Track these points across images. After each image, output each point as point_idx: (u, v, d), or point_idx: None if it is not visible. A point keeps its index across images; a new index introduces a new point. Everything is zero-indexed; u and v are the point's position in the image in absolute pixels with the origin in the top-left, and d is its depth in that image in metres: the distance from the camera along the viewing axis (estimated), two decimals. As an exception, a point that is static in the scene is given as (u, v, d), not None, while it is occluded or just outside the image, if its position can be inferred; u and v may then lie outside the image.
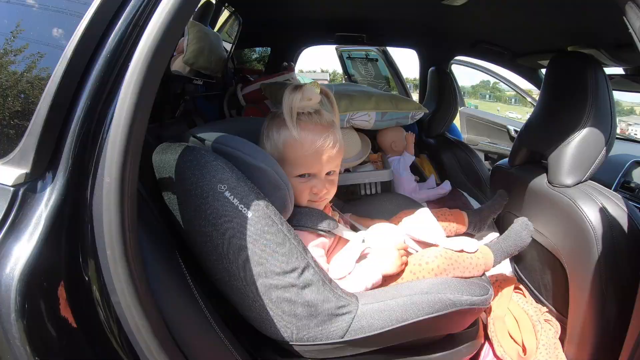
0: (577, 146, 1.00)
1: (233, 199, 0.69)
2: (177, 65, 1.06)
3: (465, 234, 1.29)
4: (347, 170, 1.52)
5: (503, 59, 1.85)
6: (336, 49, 3.64)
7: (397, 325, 0.77)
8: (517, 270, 1.32)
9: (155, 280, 0.62)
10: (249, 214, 0.69)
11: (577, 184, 1.01)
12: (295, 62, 2.60)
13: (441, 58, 2.22)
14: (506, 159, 1.35)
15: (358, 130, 1.62)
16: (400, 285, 0.86)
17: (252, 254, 0.69)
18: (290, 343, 0.75)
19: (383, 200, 1.38)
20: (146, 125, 0.56)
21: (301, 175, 0.86)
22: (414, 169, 2.11)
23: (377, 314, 0.78)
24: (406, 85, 2.97)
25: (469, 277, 0.91)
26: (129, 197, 0.55)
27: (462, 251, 0.94)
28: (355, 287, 0.84)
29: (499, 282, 1.25)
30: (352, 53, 3.42)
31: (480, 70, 2.85)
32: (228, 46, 1.55)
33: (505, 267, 1.34)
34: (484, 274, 0.96)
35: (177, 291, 0.66)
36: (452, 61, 2.97)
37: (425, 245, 1.00)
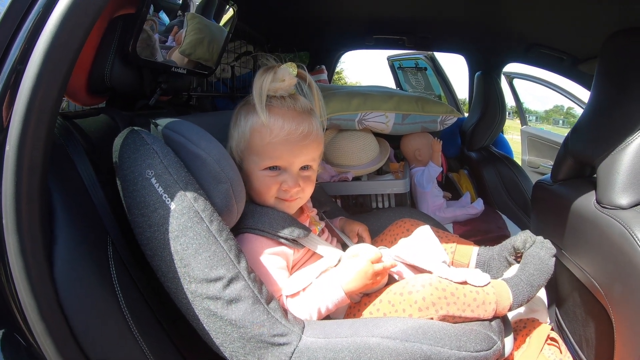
0: (637, 153, 0.74)
1: (158, 187, 0.63)
2: (175, 57, 1.06)
3: None
4: (357, 179, 1.37)
5: (561, 66, 1.58)
6: (388, 59, 3.53)
7: None
8: (558, 315, 1.04)
9: (64, 263, 0.58)
10: (172, 206, 0.62)
11: (635, 205, 0.75)
12: (333, 67, 2.53)
13: (492, 64, 1.98)
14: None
15: (378, 135, 1.46)
16: (362, 320, 0.69)
17: (174, 252, 0.61)
18: None
19: (391, 217, 1.20)
20: (56, 100, 0.53)
21: (271, 169, 0.76)
22: (449, 185, 1.87)
23: (321, 352, 0.62)
24: (456, 95, 2.72)
25: (470, 318, 0.71)
26: (30, 167, 0.52)
27: (464, 283, 0.74)
28: (307, 308, 0.69)
29: (527, 329, 0.98)
30: (402, 63, 3.27)
31: (546, 86, 2.54)
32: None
33: (541, 310, 1.06)
34: (494, 318, 0.74)
35: (91, 279, 0.60)
36: (514, 75, 2.70)
37: (419, 272, 0.80)
